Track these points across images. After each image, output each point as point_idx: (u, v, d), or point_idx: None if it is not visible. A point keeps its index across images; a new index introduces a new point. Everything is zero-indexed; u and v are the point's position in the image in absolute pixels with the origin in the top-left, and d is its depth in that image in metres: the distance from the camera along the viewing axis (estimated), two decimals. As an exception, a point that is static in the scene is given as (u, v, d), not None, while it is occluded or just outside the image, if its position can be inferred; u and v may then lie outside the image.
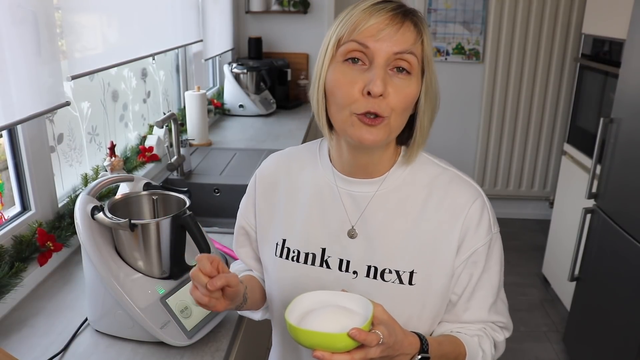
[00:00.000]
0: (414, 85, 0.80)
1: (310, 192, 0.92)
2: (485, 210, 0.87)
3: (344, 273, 0.88)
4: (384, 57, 0.77)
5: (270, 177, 0.97)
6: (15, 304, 1.19)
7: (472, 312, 0.89)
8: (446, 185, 0.87)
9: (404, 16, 0.79)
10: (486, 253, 0.87)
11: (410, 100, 0.80)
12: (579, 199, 2.52)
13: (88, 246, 1.04)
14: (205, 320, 1.09)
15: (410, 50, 0.78)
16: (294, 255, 0.91)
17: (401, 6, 0.80)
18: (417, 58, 0.79)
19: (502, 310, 0.92)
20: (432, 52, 0.83)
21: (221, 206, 1.96)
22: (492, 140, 3.79)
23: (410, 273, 0.85)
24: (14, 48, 1.13)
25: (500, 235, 0.91)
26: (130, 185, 1.22)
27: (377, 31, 0.77)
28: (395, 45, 0.77)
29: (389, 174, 0.88)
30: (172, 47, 2.21)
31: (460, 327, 0.90)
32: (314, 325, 0.70)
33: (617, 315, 2.02)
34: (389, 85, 0.77)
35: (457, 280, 0.87)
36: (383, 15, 0.77)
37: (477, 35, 3.59)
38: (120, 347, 1.06)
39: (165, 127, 2.08)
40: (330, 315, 0.72)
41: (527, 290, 3.07)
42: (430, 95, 0.83)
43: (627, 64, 2.03)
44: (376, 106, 0.77)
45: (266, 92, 3.15)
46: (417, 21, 0.80)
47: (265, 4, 3.33)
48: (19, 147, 1.30)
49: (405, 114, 0.81)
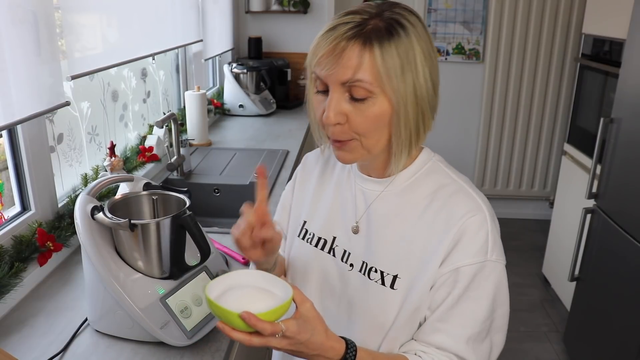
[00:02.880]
0: (378, 105, 0.76)
1: (336, 184, 0.97)
2: (484, 229, 0.80)
3: (344, 264, 0.91)
4: (336, 86, 0.77)
5: (311, 164, 1.04)
6: (15, 304, 1.19)
7: (441, 338, 0.81)
8: (448, 195, 0.84)
9: (351, 38, 0.74)
10: (472, 276, 0.79)
11: (375, 122, 0.78)
12: (579, 199, 2.52)
13: (88, 246, 1.04)
14: (205, 320, 1.09)
15: (353, 78, 0.75)
16: (310, 237, 0.96)
17: (358, 24, 0.75)
18: (368, 80, 0.74)
19: (482, 353, 0.82)
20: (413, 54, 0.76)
21: (221, 206, 1.96)
22: (493, 140, 3.79)
23: (394, 277, 0.84)
24: (13, 48, 1.13)
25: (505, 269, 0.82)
26: (130, 185, 1.21)
27: (325, 61, 0.76)
28: (340, 74, 0.75)
29: (397, 177, 0.88)
30: (172, 47, 2.21)
31: (424, 349, 0.82)
32: (227, 300, 0.72)
33: (618, 315, 2.02)
34: (347, 110, 0.77)
35: (435, 295, 0.81)
36: (328, 44, 0.75)
37: (477, 35, 3.59)
38: (120, 347, 1.06)
39: (165, 127, 2.08)
40: (249, 295, 0.74)
41: (527, 291, 3.07)
42: (404, 109, 0.77)
43: (628, 64, 2.03)
44: (337, 133, 0.80)
45: (266, 92, 3.15)
46: (370, 36, 0.74)
47: (265, 3, 3.33)
48: (19, 147, 1.30)
49: (378, 132, 0.79)
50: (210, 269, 1.16)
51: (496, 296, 0.81)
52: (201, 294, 1.11)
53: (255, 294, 0.75)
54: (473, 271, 0.79)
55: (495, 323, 0.83)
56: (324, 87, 0.79)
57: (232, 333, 0.70)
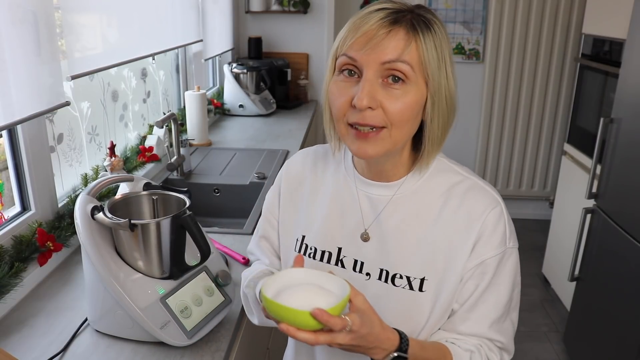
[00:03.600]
0: (413, 93, 0.77)
1: (332, 192, 0.93)
2: (502, 220, 0.84)
3: (357, 274, 0.88)
4: (372, 69, 0.76)
5: (296, 173, 0.99)
6: (15, 304, 1.19)
7: (470, 325, 0.85)
8: (464, 193, 0.85)
9: (394, 22, 0.76)
10: (496, 266, 0.84)
11: (410, 109, 0.77)
12: (579, 199, 2.52)
13: (88, 246, 1.04)
14: (205, 320, 1.09)
15: (399, 58, 0.75)
16: (311, 252, 0.92)
17: (396, 11, 0.77)
18: (411, 64, 0.75)
19: (507, 331, 0.89)
20: (444, 52, 0.78)
21: (221, 206, 1.96)
22: (492, 140, 3.79)
23: (421, 280, 0.84)
24: (13, 48, 1.12)
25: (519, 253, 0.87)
26: (130, 185, 1.21)
27: (365, 42, 0.75)
28: (381, 55, 0.75)
29: (406, 179, 0.87)
30: (172, 47, 2.21)
31: (455, 337, 0.86)
32: (288, 300, 0.70)
33: (618, 315, 2.02)
34: (381, 96, 0.76)
35: (463, 288, 0.85)
36: (371, 25, 0.75)
37: (477, 35, 3.59)
38: (120, 347, 1.06)
39: (165, 127, 2.08)
40: (306, 293, 0.72)
41: (527, 290, 3.07)
42: (439, 100, 0.79)
43: (628, 64, 2.03)
44: (368, 117, 0.77)
45: (266, 92, 3.15)
46: (413, 24, 0.76)
47: (265, 3, 3.32)
48: (19, 147, 1.30)
49: (410, 123, 0.79)
50: (210, 269, 1.16)
51: (514, 279, 0.87)
52: (201, 294, 1.11)
53: (312, 290, 0.73)
54: (496, 261, 0.84)
55: (514, 302, 0.89)
56: (355, 71, 0.78)
57: (298, 333, 0.68)
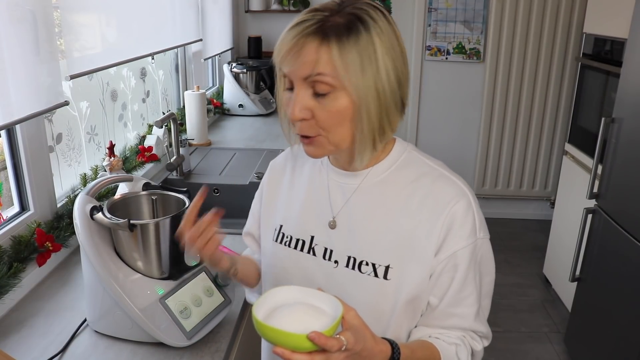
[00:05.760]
0: (340, 100, 0.77)
1: (308, 181, 0.96)
2: (471, 211, 0.85)
3: (327, 261, 0.90)
4: (300, 82, 0.78)
5: (279, 167, 1.03)
6: (14, 305, 1.19)
7: (456, 320, 0.87)
8: (431, 183, 0.86)
9: (307, 36, 0.75)
10: (469, 258, 0.85)
11: (338, 115, 0.78)
12: (580, 199, 2.51)
13: (87, 246, 1.03)
14: (204, 320, 1.09)
15: (314, 72, 0.75)
16: (287, 240, 0.95)
17: (314, 22, 0.76)
18: (330, 74, 0.75)
19: (483, 319, 0.91)
20: (375, 48, 0.76)
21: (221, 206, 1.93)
22: (493, 140, 3.78)
23: (386, 267, 0.85)
24: (12, 47, 1.12)
25: (491, 243, 0.89)
26: (130, 185, 1.21)
27: (286, 58, 0.77)
28: (299, 71, 0.77)
29: (373, 168, 0.89)
30: (171, 47, 2.20)
31: (439, 332, 0.88)
32: (281, 322, 0.69)
33: (619, 315, 2.02)
34: (312, 106, 0.78)
35: (437, 282, 0.85)
36: (288, 42, 0.77)
37: (478, 35, 3.58)
38: (119, 347, 1.06)
39: (165, 126, 2.07)
40: (299, 314, 0.72)
41: (528, 291, 3.06)
42: (367, 102, 0.77)
43: (629, 64, 2.02)
44: (303, 129, 0.80)
45: (266, 92, 3.15)
46: (326, 34, 0.75)
47: (265, 3, 3.32)
48: (18, 147, 1.29)
49: (343, 127, 0.80)
50: (209, 270, 1.16)
51: (483, 267, 0.88)
52: (201, 294, 1.11)
53: (304, 310, 0.72)
54: (467, 253, 0.84)
55: (484, 289, 0.90)
56: (290, 84, 0.80)
57: (293, 356, 0.67)
